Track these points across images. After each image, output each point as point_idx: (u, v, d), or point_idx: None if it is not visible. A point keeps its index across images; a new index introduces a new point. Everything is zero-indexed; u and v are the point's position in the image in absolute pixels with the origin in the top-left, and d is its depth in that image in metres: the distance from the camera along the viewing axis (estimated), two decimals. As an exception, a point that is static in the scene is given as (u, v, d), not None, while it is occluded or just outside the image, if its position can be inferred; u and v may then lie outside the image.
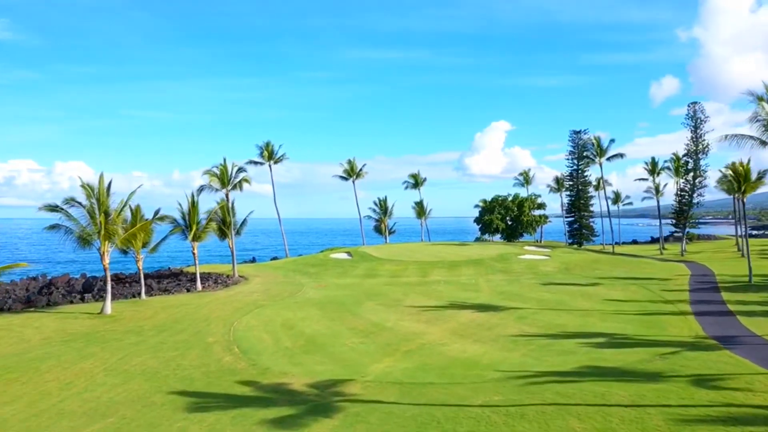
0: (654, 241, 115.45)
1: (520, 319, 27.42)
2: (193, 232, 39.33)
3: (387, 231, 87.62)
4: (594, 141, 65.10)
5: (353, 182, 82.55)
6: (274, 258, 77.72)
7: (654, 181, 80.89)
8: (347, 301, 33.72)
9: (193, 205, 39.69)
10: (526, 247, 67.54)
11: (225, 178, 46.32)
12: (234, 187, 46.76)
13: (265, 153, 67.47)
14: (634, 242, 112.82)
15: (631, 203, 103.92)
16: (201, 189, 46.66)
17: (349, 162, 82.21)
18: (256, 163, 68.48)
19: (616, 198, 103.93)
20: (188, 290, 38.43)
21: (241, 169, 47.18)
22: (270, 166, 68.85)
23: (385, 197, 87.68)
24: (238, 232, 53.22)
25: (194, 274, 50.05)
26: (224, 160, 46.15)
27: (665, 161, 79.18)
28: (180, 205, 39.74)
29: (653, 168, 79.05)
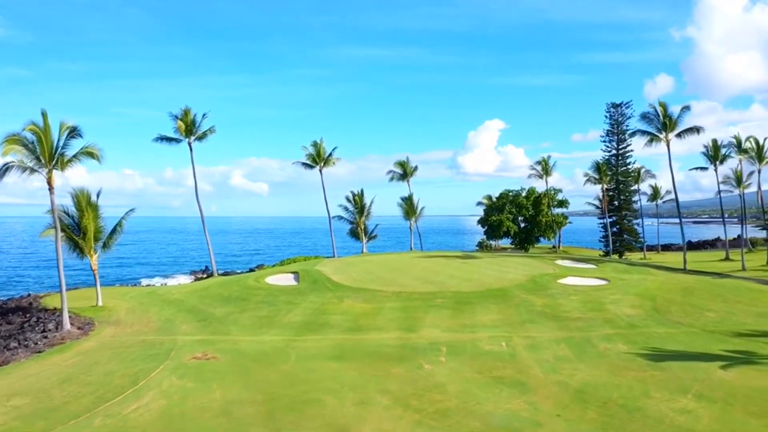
0: (693, 246, 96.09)
1: None
2: None
3: (365, 235, 67.04)
4: (660, 108, 44.72)
5: (320, 171, 61.86)
6: (224, 273, 57.01)
7: (716, 169, 61.25)
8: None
9: None
10: (560, 262, 47.14)
11: (46, 150, 25.42)
12: (56, 163, 25.80)
13: (181, 125, 46.25)
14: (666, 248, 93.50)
15: (672, 199, 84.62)
16: (5, 168, 25.96)
17: (315, 144, 61.23)
18: (170, 139, 47.52)
19: (655, 194, 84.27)
20: None
21: (74, 133, 25.88)
22: (190, 144, 47.81)
23: (361, 191, 67.07)
24: (105, 245, 32.59)
25: (54, 310, 30.31)
26: (43, 114, 25.09)
27: (723, 146, 59.81)
28: None
29: (716, 153, 59.10)
